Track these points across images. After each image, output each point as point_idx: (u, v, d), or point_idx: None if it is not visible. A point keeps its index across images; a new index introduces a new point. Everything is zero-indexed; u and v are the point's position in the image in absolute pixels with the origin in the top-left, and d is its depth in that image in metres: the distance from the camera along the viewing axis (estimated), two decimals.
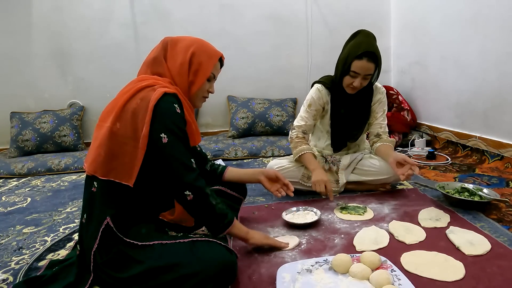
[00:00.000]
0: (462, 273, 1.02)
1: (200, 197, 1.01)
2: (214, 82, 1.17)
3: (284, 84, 3.44)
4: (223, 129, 3.42)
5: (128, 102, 0.99)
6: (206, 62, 1.10)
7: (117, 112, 0.98)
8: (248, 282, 1.05)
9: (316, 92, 1.76)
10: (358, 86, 1.62)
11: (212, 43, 1.16)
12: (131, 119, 0.97)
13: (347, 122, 1.77)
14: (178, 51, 1.08)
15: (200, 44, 1.10)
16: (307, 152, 1.71)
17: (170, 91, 1.00)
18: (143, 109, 0.96)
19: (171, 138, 0.97)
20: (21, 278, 1.17)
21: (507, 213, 1.45)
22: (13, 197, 2.10)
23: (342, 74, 1.64)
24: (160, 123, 0.96)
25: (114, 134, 0.98)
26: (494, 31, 2.15)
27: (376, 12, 3.41)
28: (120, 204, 1.01)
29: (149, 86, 1.01)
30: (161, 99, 0.97)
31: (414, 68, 3.09)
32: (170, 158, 0.98)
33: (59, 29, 3.10)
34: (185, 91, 1.08)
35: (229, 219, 1.07)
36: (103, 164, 0.98)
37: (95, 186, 1.01)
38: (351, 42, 1.63)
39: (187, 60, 1.07)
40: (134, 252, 0.97)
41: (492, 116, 2.24)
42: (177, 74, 1.07)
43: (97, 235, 0.98)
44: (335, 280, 1.01)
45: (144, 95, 0.98)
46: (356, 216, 1.47)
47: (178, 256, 0.95)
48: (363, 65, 1.56)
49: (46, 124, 2.94)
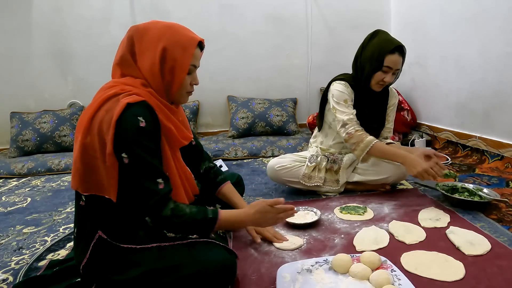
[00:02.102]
0: (462, 273, 1.02)
1: (160, 223, 0.93)
2: (196, 72, 1.04)
3: (284, 84, 3.44)
4: (223, 129, 3.42)
5: (95, 114, 0.91)
6: (182, 56, 0.96)
7: (86, 125, 0.91)
8: (248, 282, 1.05)
9: (345, 88, 1.70)
10: (389, 81, 1.65)
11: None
12: (98, 132, 0.90)
13: (369, 121, 1.74)
14: (146, 46, 0.95)
15: (172, 34, 0.95)
16: (376, 142, 1.61)
17: (137, 99, 0.90)
18: (107, 123, 0.88)
19: (131, 158, 0.89)
20: (21, 278, 1.16)
21: (507, 213, 1.45)
22: (13, 197, 2.10)
23: (374, 70, 1.63)
24: (120, 141, 0.88)
25: (85, 148, 0.91)
26: (494, 31, 2.15)
27: (376, 12, 3.41)
28: (110, 215, 0.96)
29: (116, 94, 0.92)
30: (124, 113, 0.88)
31: (414, 68, 3.09)
32: (132, 180, 0.91)
33: (59, 29, 3.10)
34: (162, 92, 0.98)
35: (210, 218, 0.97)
36: (83, 179, 0.93)
37: (83, 200, 0.96)
38: (374, 40, 1.64)
39: (157, 58, 0.94)
40: (133, 255, 0.95)
41: (492, 116, 2.24)
42: (149, 75, 0.95)
43: (87, 250, 0.94)
44: (335, 280, 1.01)
45: (109, 107, 0.90)
46: (356, 216, 1.47)
47: (177, 258, 0.94)
48: (396, 59, 1.60)
49: (46, 124, 2.94)
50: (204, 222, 0.96)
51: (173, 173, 1.02)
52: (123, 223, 0.98)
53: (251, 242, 1.28)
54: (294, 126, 3.19)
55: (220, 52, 3.25)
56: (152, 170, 0.92)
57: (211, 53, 3.40)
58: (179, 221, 0.93)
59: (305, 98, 3.48)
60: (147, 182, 0.91)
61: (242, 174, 1.79)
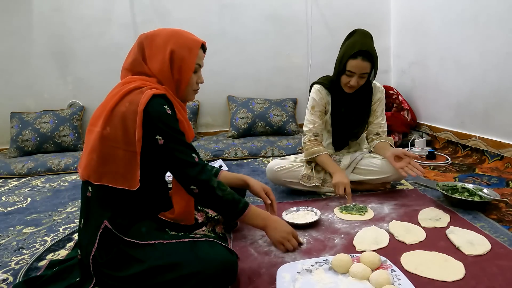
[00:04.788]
0: (462, 273, 1.02)
1: (205, 190, 1.03)
2: (200, 71, 1.14)
3: (284, 84, 3.45)
4: (223, 129, 3.42)
5: (116, 106, 0.97)
6: (188, 56, 1.05)
7: (106, 116, 0.97)
8: (248, 282, 1.05)
9: (317, 93, 1.76)
10: (355, 85, 1.62)
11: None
12: (121, 123, 0.96)
13: (348, 120, 1.77)
14: (155, 50, 1.04)
15: (178, 38, 1.05)
16: (323, 153, 1.70)
17: (158, 92, 0.98)
18: (132, 113, 0.95)
19: (166, 139, 0.97)
20: (21, 278, 1.16)
21: (507, 213, 1.45)
22: (13, 197, 2.10)
23: (339, 74, 1.65)
24: (152, 126, 0.96)
25: (104, 138, 0.97)
26: (494, 31, 2.15)
27: (376, 12, 3.41)
28: (117, 206, 1.01)
29: (137, 88, 0.99)
30: (150, 102, 0.95)
31: (414, 68, 3.09)
32: (170, 158, 0.99)
33: (59, 29, 3.11)
34: (173, 89, 1.07)
35: (242, 205, 1.10)
36: (96, 169, 0.98)
37: (90, 191, 1.01)
38: (347, 41, 1.64)
39: (167, 59, 1.03)
40: (135, 251, 0.97)
41: (492, 116, 2.24)
42: (160, 75, 1.04)
43: (95, 239, 0.98)
44: (335, 280, 1.01)
45: (132, 98, 0.97)
46: (356, 216, 1.47)
47: (179, 255, 0.95)
48: (358, 64, 1.57)
49: (46, 124, 2.94)
50: (239, 203, 1.09)
51: None
52: (128, 216, 1.02)
53: (251, 242, 1.28)
54: (294, 126, 3.19)
55: (220, 52, 3.25)
56: (186, 146, 1.02)
57: (211, 53, 3.39)
58: (221, 194, 1.05)
59: (305, 98, 3.47)
60: (185, 155, 1.01)
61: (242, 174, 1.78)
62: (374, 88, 1.79)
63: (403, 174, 1.56)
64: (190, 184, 1.02)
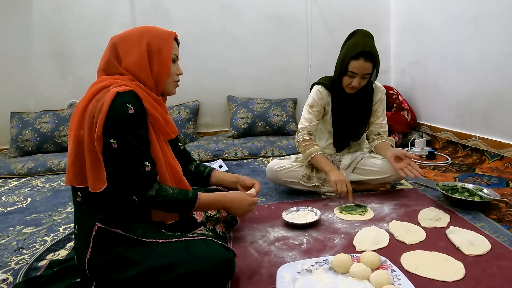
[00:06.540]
0: (462, 273, 1.02)
1: (146, 202, 0.99)
2: (178, 63, 1.13)
3: (284, 84, 3.44)
4: (223, 129, 3.41)
5: (87, 106, 0.97)
6: (166, 46, 1.06)
7: (79, 118, 0.96)
8: (248, 282, 1.05)
9: (317, 93, 1.76)
10: (357, 85, 1.62)
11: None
12: (91, 123, 0.94)
13: (349, 121, 1.77)
14: (131, 45, 1.03)
15: (151, 30, 1.06)
16: (318, 153, 1.70)
17: (126, 89, 0.96)
18: (98, 112, 0.93)
19: (120, 143, 0.94)
20: (21, 278, 1.17)
21: (507, 213, 1.45)
22: (13, 197, 2.10)
23: (341, 75, 1.64)
24: (110, 127, 0.93)
25: (80, 141, 0.96)
26: (494, 31, 2.15)
27: (376, 12, 3.41)
28: (107, 208, 1.00)
29: (106, 87, 0.98)
30: (114, 100, 0.93)
31: (414, 68, 3.09)
32: (120, 163, 0.96)
33: (59, 29, 3.10)
34: (151, 83, 1.05)
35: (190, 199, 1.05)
36: (78, 173, 0.97)
37: (79, 196, 1.01)
38: (348, 42, 1.64)
39: (144, 50, 1.02)
40: (131, 253, 0.96)
41: (492, 116, 2.24)
42: (138, 69, 1.03)
43: (89, 242, 0.97)
44: (335, 280, 1.01)
45: (100, 97, 0.96)
46: (356, 216, 1.47)
47: (175, 255, 0.95)
48: (360, 65, 1.57)
49: (46, 124, 2.94)
50: (186, 201, 1.04)
51: (160, 162, 1.05)
52: (120, 217, 1.01)
53: (251, 242, 1.28)
54: (294, 126, 3.19)
55: (220, 52, 3.24)
56: (139, 153, 0.97)
57: (211, 53, 3.42)
58: (162, 200, 1.00)
59: (305, 98, 3.44)
60: (135, 164, 0.97)
61: (242, 174, 1.79)
62: (375, 88, 1.78)
63: (402, 175, 1.56)
64: (132, 195, 0.98)
